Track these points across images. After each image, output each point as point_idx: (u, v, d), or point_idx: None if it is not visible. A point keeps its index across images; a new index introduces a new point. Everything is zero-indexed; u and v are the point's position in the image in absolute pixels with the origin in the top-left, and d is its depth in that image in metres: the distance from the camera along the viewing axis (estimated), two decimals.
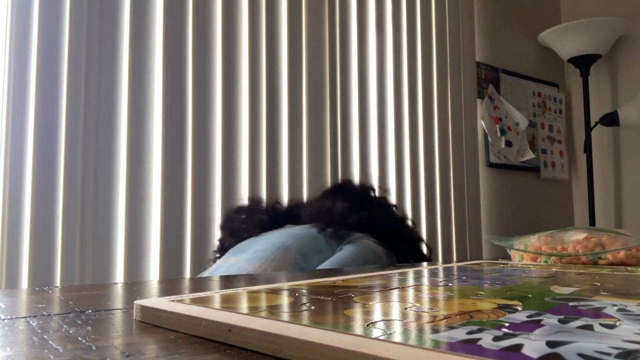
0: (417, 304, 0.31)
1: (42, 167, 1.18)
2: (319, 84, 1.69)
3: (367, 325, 0.25)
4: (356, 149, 1.76)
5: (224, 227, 1.25)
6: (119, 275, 1.25)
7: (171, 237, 1.33)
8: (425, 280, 0.46)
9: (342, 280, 0.45)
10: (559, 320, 0.25)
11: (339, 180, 1.71)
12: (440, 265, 0.67)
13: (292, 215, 1.22)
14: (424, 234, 1.94)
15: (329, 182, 1.66)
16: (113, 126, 1.29)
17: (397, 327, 0.24)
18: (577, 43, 2.26)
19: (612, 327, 0.23)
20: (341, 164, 1.70)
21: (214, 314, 0.27)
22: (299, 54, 1.64)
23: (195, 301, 0.31)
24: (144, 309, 0.31)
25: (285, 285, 0.41)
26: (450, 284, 0.42)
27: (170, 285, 0.56)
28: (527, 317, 0.25)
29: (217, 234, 1.38)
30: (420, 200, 1.94)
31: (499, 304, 0.30)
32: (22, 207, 1.15)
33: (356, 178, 1.75)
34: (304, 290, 0.37)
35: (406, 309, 0.30)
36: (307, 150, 1.62)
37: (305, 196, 1.61)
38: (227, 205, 1.41)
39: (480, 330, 0.22)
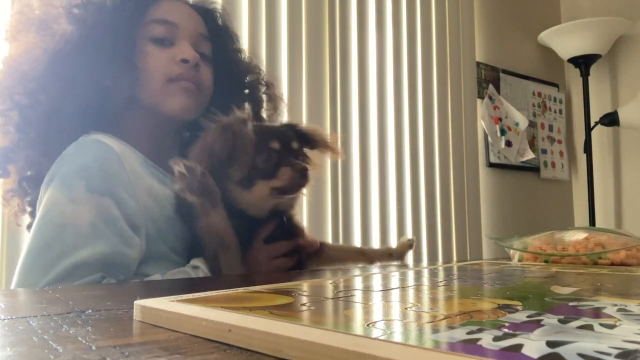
0: (417, 304, 0.31)
1: None
2: (319, 84, 1.68)
3: (367, 325, 0.25)
4: (356, 149, 1.76)
5: None
6: None
7: None
8: (426, 280, 0.46)
9: (342, 280, 0.45)
10: (559, 320, 0.25)
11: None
12: (440, 265, 0.67)
13: None
14: (423, 234, 1.94)
15: (328, 183, 1.65)
16: None
17: (397, 327, 0.24)
18: (577, 43, 2.25)
19: (612, 327, 0.23)
20: (341, 164, 1.70)
21: (214, 314, 0.27)
22: (298, 54, 1.64)
23: (195, 301, 0.31)
24: (144, 309, 0.31)
25: (285, 285, 0.41)
26: (450, 284, 0.42)
27: (170, 285, 0.56)
28: (527, 317, 0.25)
29: None
30: (420, 200, 1.94)
31: (499, 304, 0.30)
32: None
33: (356, 178, 1.75)
34: (304, 291, 0.37)
35: (406, 309, 0.30)
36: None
37: (305, 198, 1.60)
38: None
39: (480, 330, 0.22)
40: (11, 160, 0.74)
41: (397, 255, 0.82)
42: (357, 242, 1.72)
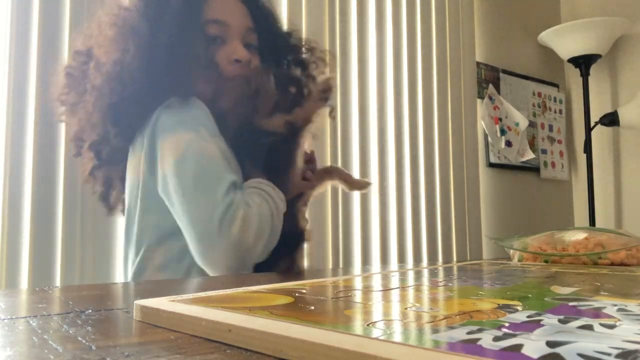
0: (417, 304, 0.31)
1: (42, 167, 1.18)
2: None
3: (367, 325, 0.25)
4: (356, 149, 1.76)
5: None
6: (119, 275, 1.25)
7: None
8: (425, 280, 0.46)
9: (342, 280, 0.45)
10: (559, 320, 0.25)
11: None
12: (440, 265, 0.67)
13: None
14: (424, 234, 1.94)
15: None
16: None
17: (397, 327, 0.24)
18: (577, 43, 2.25)
19: (612, 327, 0.23)
20: (341, 164, 1.70)
21: (214, 314, 0.27)
22: None
23: (195, 301, 0.31)
24: (144, 309, 0.31)
25: (285, 285, 0.41)
26: (450, 284, 0.42)
27: (170, 285, 0.56)
28: (527, 317, 0.25)
29: None
30: (420, 200, 1.94)
31: (499, 304, 0.30)
32: (22, 207, 1.15)
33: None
34: (304, 291, 0.37)
35: (406, 309, 0.30)
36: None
37: None
38: None
39: (480, 330, 0.22)
40: (103, 151, 0.85)
41: (353, 185, 0.95)
42: (357, 241, 1.72)
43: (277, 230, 0.74)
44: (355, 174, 1.74)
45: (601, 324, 0.24)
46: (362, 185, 0.97)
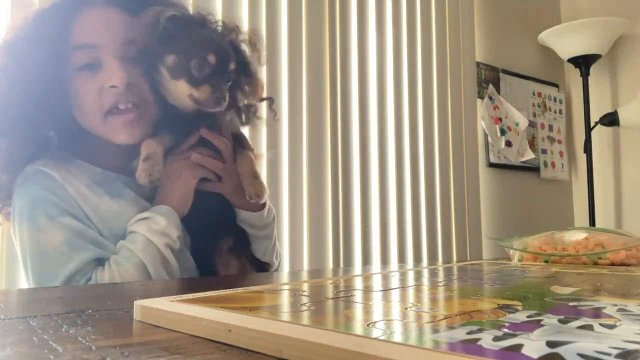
0: (417, 304, 0.31)
1: None
2: (319, 84, 1.68)
3: (367, 325, 0.25)
4: (356, 149, 1.76)
5: None
6: None
7: None
8: (426, 280, 0.46)
9: (342, 280, 0.45)
10: (559, 320, 0.25)
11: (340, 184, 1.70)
12: (440, 265, 0.67)
13: None
14: (424, 234, 1.94)
15: (329, 183, 1.66)
16: None
17: (397, 327, 0.24)
18: (577, 43, 2.25)
19: (612, 327, 0.23)
20: (341, 164, 1.70)
21: (214, 314, 0.27)
22: (299, 54, 1.64)
23: (195, 301, 0.31)
24: (144, 309, 0.31)
25: (285, 285, 0.41)
26: (450, 284, 0.42)
27: (170, 285, 0.56)
28: (527, 317, 0.25)
29: None
30: (420, 200, 1.94)
31: (499, 304, 0.30)
32: None
33: (356, 178, 1.75)
34: (304, 291, 0.37)
35: (406, 309, 0.30)
36: (307, 150, 1.62)
37: (305, 198, 1.61)
38: None
39: (480, 330, 0.22)
40: None
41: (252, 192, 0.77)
42: (357, 241, 1.72)
43: (168, 260, 0.69)
44: (356, 173, 1.74)
45: (601, 324, 0.24)
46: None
